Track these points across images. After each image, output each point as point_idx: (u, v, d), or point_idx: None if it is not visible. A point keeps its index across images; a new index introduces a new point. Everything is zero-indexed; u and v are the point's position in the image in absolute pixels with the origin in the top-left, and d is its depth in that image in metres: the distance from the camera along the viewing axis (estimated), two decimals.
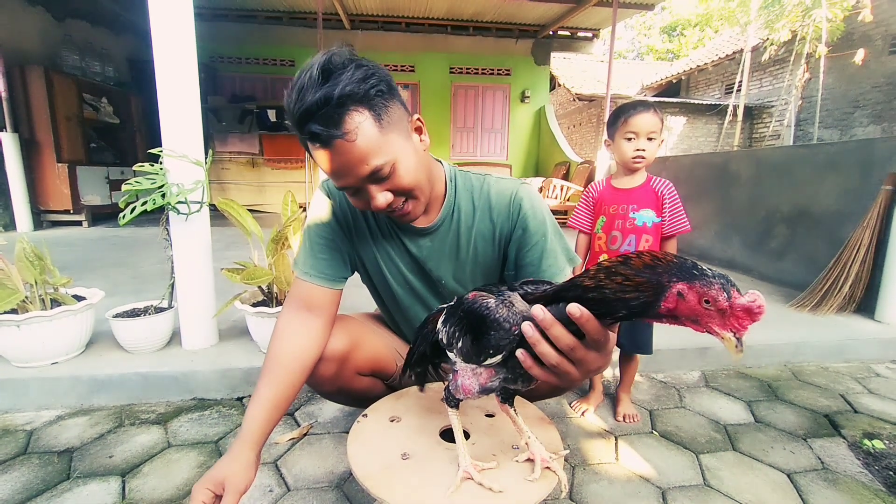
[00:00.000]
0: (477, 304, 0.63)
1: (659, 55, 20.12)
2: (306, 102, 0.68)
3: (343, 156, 0.71)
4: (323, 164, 0.74)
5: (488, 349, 0.60)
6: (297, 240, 1.67)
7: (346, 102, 0.69)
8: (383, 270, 0.99)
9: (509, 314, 0.59)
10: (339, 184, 0.78)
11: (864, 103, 7.37)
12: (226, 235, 4.01)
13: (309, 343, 0.89)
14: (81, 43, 5.44)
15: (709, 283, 0.45)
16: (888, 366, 1.97)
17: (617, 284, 0.49)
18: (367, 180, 0.75)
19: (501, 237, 0.93)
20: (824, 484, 1.19)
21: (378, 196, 0.77)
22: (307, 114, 0.69)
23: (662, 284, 0.47)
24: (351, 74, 0.69)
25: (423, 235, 0.95)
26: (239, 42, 6.96)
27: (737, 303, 0.44)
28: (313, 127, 0.69)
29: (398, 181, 0.77)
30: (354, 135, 0.70)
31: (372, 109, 0.71)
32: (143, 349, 1.63)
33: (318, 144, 0.71)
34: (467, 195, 0.95)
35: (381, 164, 0.73)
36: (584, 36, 7.64)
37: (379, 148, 0.73)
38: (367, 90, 0.70)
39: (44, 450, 1.25)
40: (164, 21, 1.50)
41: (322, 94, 0.67)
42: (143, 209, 1.48)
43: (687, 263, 0.47)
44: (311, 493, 1.11)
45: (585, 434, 1.41)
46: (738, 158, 3.56)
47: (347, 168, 0.73)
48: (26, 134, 4.59)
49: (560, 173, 6.62)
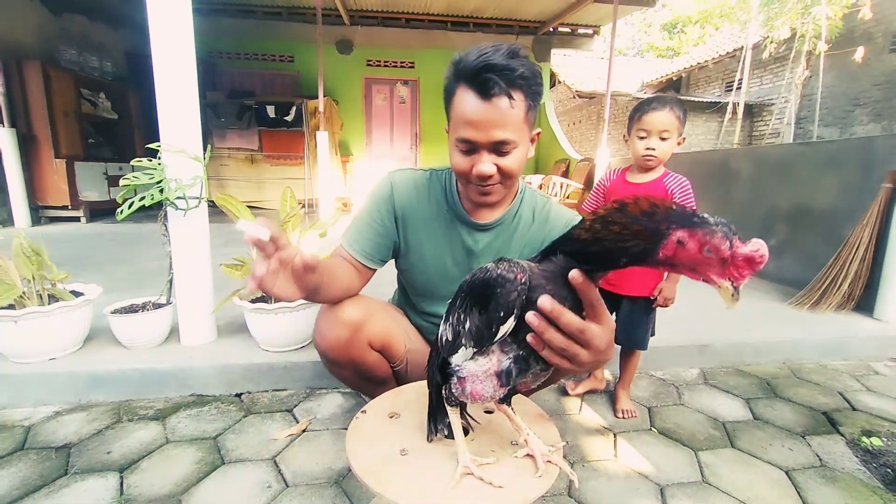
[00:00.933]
0: (476, 273, 0.62)
1: (659, 52, 20.08)
2: (495, 59, 0.80)
3: (495, 113, 0.82)
4: (470, 111, 0.83)
5: (499, 312, 0.57)
6: (296, 236, 1.66)
7: (521, 82, 0.82)
8: (422, 260, 1.07)
9: (511, 265, 0.57)
10: (469, 135, 0.85)
11: (864, 101, 7.36)
12: (224, 232, 4.00)
13: (351, 283, 1.01)
14: (79, 37, 5.41)
15: (711, 232, 0.44)
16: (887, 364, 1.97)
17: (615, 234, 0.49)
18: (493, 145, 0.86)
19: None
20: (822, 481, 1.19)
21: (487, 162, 0.87)
22: (492, 67, 0.80)
23: (661, 231, 0.46)
24: (530, 66, 0.83)
25: (482, 230, 1.04)
26: (237, 37, 6.92)
27: (739, 251, 0.43)
28: (494, 76, 0.79)
29: (509, 162, 0.88)
30: (514, 104, 0.82)
31: (528, 101, 0.85)
32: (141, 345, 1.62)
33: (480, 94, 0.82)
34: (530, 207, 1.06)
35: (511, 139, 0.85)
36: (585, 33, 7.60)
37: (517, 128, 0.85)
38: (532, 85, 0.84)
39: (41, 445, 1.25)
40: (162, 15, 1.49)
41: (512, 63, 0.80)
42: (141, 204, 1.48)
43: (686, 211, 0.47)
44: (310, 489, 1.11)
45: (584, 431, 1.41)
46: (738, 156, 3.56)
47: (490, 124, 0.83)
48: (24, 129, 4.57)
49: (560, 171, 6.61)
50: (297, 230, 1.67)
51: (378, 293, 1.18)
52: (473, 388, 0.64)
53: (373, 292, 1.11)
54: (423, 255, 1.07)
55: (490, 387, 0.63)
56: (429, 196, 1.06)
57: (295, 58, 7.18)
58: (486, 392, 0.64)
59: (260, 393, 1.57)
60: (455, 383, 0.67)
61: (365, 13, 6.89)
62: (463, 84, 0.84)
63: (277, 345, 1.64)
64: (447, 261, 1.06)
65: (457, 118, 0.87)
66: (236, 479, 1.14)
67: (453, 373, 0.67)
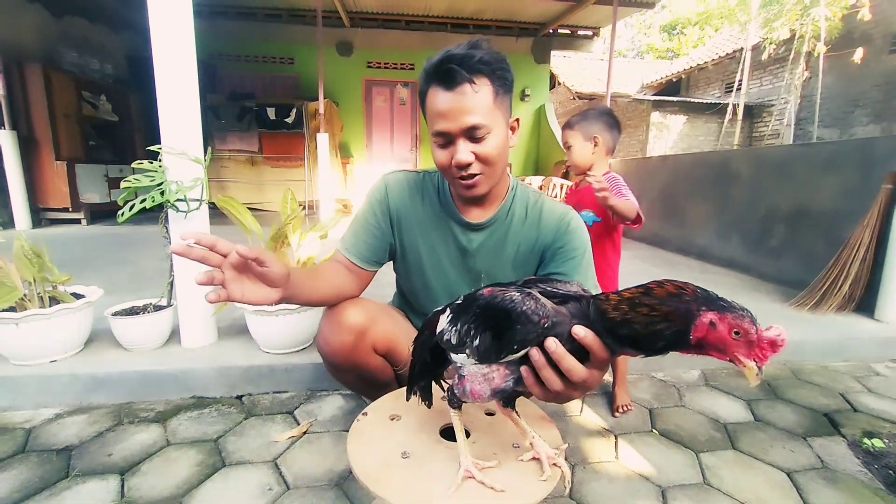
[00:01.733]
0: (498, 298, 0.61)
1: (659, 54, 20.09)
2: (455, 52, 0.84)
3: (461, 100, 0.84)
4: (438, 104, 0.86)
5: (512, 344, 0.58)
6: (296, 238, 1.66)
7: (482, 67, 0.84)
8: (419, 261, 1.08)
9: (537, 307, 0.57)
10: (441, 126, 0.87)
11: (863, 102, 7.36)
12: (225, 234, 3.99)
13: (344, 284, 1.01)
14: (80, 40, 5.42)
15: (741, 316, 0.47)
16: (888, 365, 1.97)
17: (643, 316, 0.51)
18: (465, 132, 0.87)
19: (543, 245, 1.03)
20: (824, 483, 1.19)
21: (464, 150, 0.88)
22: (450, 58, 0.83)
23: (692, 312, 0.49)
24: (492, 52, 0.86)
25: (475, 230, 1.04)
26: (238, 40, 6.94)
27: (764, 335, 0.47)
28: (452, 66, 0.82)
29: (486, 148, 0.89)
30: (478, 88, 0.84)
31: (494, 85, 0.86)
32: (142, 347, 1.63)
33: (444, 86, 0.84)
34: (522, 204, 1.05)
35: (481, 123, 0.85)
36: (585, 34, 7.62)
37: (486, 112, 0.86)
38: (497, 70, 0.86)
39: (42, 448, 1.25)
40: (163, 18, 1.49)
41: (469, 51, 0.84)
42: (142, 206, 1.48)
43: (711, 294, 0.49)
44: (311, 492, 1.11)
45: (585, 433, 1.41)
46: (737, 157, 3.56)
47: (458, 111, 0.85)
48: (24, 132, 4.57)
49: (559, 172, 6.61)
50: (298, 232, 1.67)
51: (379, 294, 1.19)
52: (473, 388, 0.65)
53: (374, 294, 1.11)
54: (419, 255, 1.07)
55: (487, 390, 0.64)
56: (423, 197, 1.06)
57: (295, 60, 7.19)
58: (484, 393, 0.64)
59: (261, 395, 1.57)
60: (457, 382, 0.67)
61: (365, 15, 6.90)
62: (431, 82, 0.87)
63: (278, 347, 1.64)
64: (443, 260, 1.07)
65: (430, 115, 0.89)
66: (237, 481, 1.14)
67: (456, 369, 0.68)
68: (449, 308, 0.71)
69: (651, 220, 4.53)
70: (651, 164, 4.77)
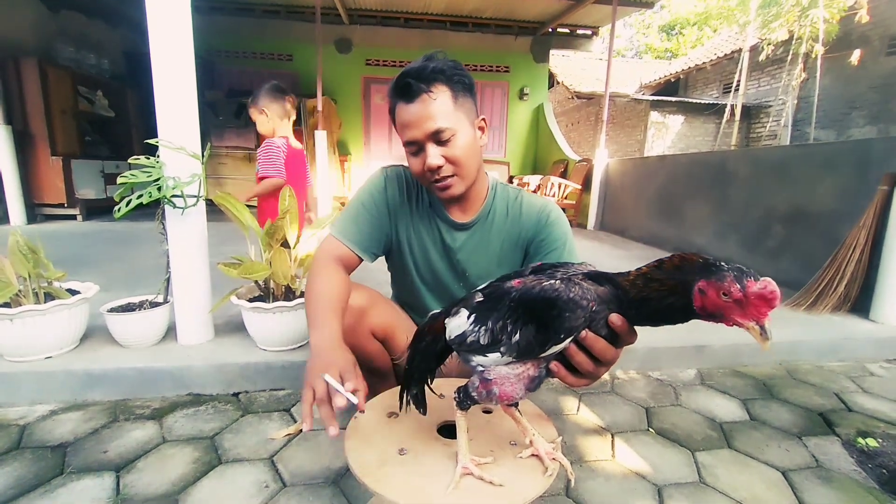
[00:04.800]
0: (537, 288, 0.59)
1: (657, 54, 20.11)
2: (410, 68, 0.90)
3: (421, 108, 0.89)
4: (403, 117, 0.92)
5: (560, 334, 0.57)
6: (293, 234, 1.66)
7: (437, 75, 0.90)
8: (411, 255, 1.11)
9: (584, 291, 0.56)
10: (408, 136, 0.93)
11: (860, 104, 7.39)
12: (221, 231, 3.99)
13: (345, 286, 0.99)
14: (76, 35, 5.38)
15: (722, 276, 0.47)
16: (882, 365, 1.98)
17: (655, 291, 0.52)
18: (430, 137, 0.91)
19: (525, 239, 1.07)
20: (819, 482, 1.20)
21: (433, 155, 0.92)
22: (405, 74, 0.90)
23: (688, 282, 0.49)
24: (445, 61, 0.92)
25: (460, 229, 1.07)
26: (236, 36, 6.90)
27: (750, 291, 0.45)
28: (408, 80, 0.89)
29: (453, 150, 0.92)
30: (436, 95, 0.89)
31: (452, 89, 0.91)
32: (138, 344, 1.62)
33: (405, 100, 0.91)
34: (503, 202, 1.09)
35: (445, 127, 0.90)
36: (584, 33, 7.60)
37: (448, 115, 0.90)
38: (452, 75, 0.91)
39: (37, 444, 1.24)
40: (161, 13, 1.48)
41: (422, 64, 0.90)
42: (138, 202, 1.47)
43: (709, 261, 0.49)
44: (308, 489, 1.11)
45: (582, 431, 1.41)
46: (735, 158, 3.57)
47: (421, 119, 0.90)
48: (20, 126, 4.53)
49: (558, 171, 6.61)
50: (294, 228, 1.67)
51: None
52: (503, 390, 0.63)
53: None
54: (412, 248, 1.11)
55: (521, 389, 0.63)
56: (415, 194, 1.09)
57: (294, 57, 7.16)
58: (517, 394, 0.63)
59: (257, 392, 1.56)
60: (477, 386, 0.65)
61: (364, 12, 6.87)
62: (395, 100, 0.93)
63: (275, 344, 1.63)
64: (432, 255, 1.10)
65: (399, 128, 0.95)
66: (233, 478, 1.14)
67: (476, 373, 0.66)
68: (465, 308, 0.66)
69: (649, 220, 4.54)
70: (649, 164, 4.78)
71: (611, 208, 5.35)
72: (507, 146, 8.12)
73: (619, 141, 10.40)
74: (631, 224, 4.88)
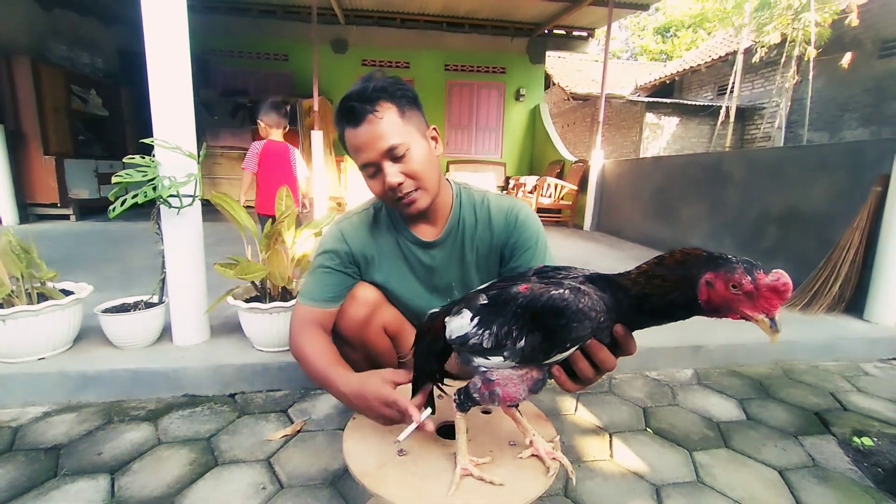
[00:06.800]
0: (545, 296, 0.58)
1: (652, 56, 20.22)
2: (349, 93, 0.89)
3: (369, 130, 0.88)
4: (353, 141, 0.90)
5: (566, 343, 0.57)
6: (290, 235, 1.65)
7: (379, 94, 0.88)
8: (396, 288, 1.09)
9: (593, 302, 0.56)
10: (362, 159, 0.91)
11: (853, 106, 7.46)
12: (217, 231, 3.97)
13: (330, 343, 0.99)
14: (70, 33, 5.34)
15: (732, 268, 0.46)
16: (877, 364, 2.00)
17: (658, 287, 0.52)
18: (385, 156, 0.89)
19: (499, 244, 1.06)
20: (815, 481, 1.20)
21: (391, 173, 0.90)
22: (348, 98, 0.88)
23: (693, 276, 0.49)
24: (385, 79, 0.91)
25: (434, 247, 1.06)
26: (232, 35, 6.87)
27: (761, 283, 0.45)
28: (351, 104, 0.87)
29: (410, 164, 0.91)
30: (382, 114, 0.88)
31: (397, 105, 0.90)
32: (132, 345, 1.60)
33: (352, 124, 0.89)
34: (470, 208, 1.07)
35: (397, 143, 0.89)
36: (580, 35, 7.64)
37: (398, 131, 0.89)
38: (394, 91, 0.90)
39: (30, 447, 1.22)
40: (156, 12, 1.47)
41: (362, 86, 0.89)
42: (133, 202, 1.45)
43: (714, 254, 0.49)
44: (305, 491, 1.10)
45: (580, 431, 1.41)
46: (730, 159, 3.59)
47: (372, 140, 0.88)
48: (12, 126, 4.49)
49: (554, 172, 6.63)
50: (292, 229, 1.66)
51: None
52: (505, 391, 0.63)
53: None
54: (391, 285, 1.08)
55: (523, 390, 0.63)
56: (378, 230, 1.07)
57: (290, 56, 7.14)
58: (520, 395, 0.63)
59: (254, 393, 1.55)
60: (480, 387, 0.65)
61: (360, 13, 6.87)
62: (342, 126, 0.92)
63: (272, 345, 1.62)
64: (413, 283, 1.09)
65: (351, 153, 0.94)
66: (230, 480, 1.13)
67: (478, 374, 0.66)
68: (467, 309, 0.66)
69: (645, 221, 4.56)
70: (645, 165, 4.80)
71: (607, 209, 5.37)
72: (503, 147, 8.13)
73: (615, 142, 10.45)
74: (627, 225, 4.90)
